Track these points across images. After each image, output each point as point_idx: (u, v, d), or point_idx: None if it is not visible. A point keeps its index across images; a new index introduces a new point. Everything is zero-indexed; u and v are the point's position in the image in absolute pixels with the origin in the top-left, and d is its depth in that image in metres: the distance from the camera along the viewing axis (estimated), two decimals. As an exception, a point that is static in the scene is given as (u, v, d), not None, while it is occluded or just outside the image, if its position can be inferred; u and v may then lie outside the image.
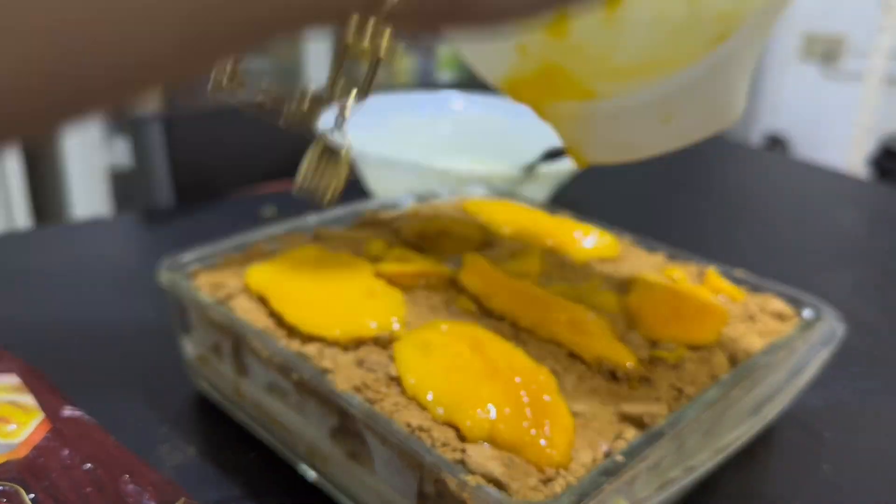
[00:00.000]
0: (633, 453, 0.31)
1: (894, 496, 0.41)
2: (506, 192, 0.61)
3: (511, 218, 0.55)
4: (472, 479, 0.29)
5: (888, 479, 0.42)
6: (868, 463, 0.43)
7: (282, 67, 1.68)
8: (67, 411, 0.35)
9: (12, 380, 0.36)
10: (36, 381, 0.36)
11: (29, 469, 0.30)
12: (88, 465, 0.32)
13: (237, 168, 0.88)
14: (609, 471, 0.30)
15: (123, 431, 0.38)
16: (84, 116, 0.25)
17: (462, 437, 0.32)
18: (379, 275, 0.43)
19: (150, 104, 1.37)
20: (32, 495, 0.29)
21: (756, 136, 2.64)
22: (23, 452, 0.31)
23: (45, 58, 0.21)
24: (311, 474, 0.39)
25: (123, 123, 1.53)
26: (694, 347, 0.40)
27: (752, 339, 0.41)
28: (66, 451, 0.32)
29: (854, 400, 0.49)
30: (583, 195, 0.89)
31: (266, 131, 0.92)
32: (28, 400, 0.34)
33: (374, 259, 0.47)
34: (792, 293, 0.46)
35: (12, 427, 0.32)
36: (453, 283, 0.45)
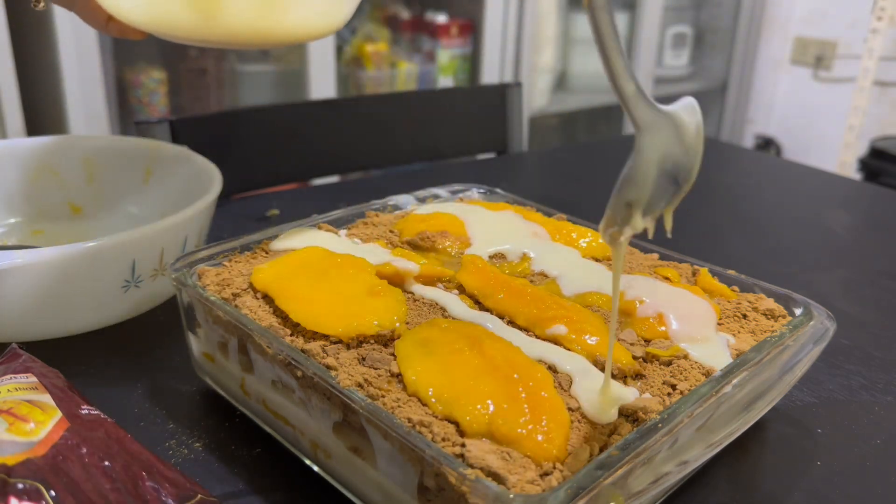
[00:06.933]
0: (627, 448, 0.32)
1: (886, 491, 0.42)
2: (503, 193, 0.62)
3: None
4: (471, 473, 0.30)
5: (880, 475, 0.43)
6: (860, 458, 0.44)
7: (286, 72, 1.67)
8: (84, 410, 0.35)
9: (30, 379, 0.36)
10: (53, 381, 0.36)
11: (49, 467, 0.30)
12: (107, 462, 0.32)
13: (242, 170, 0.88)
14: (605, 465, 0.31)
15: (131, 427, 0.39)
16: None
17: (462, 432, 0.32)
18: (380, 274, 0.44)
19: (157, 108, 1.37)
20: (53, 493, 0.29)
21: (748, 139, 2.65)
22: (42, 450, 0.31)
23: None
24: (315, 468, 0.40)
25: (131, 126, 1.53)
26: (687, 345, 0.40)
27: (744, 337, 0.42)
28: (84, 449, 0.32)
29: (845, 396, 0.50)
30: (578, 196, 0.90)
31: (270, 135, 0.92)
32: (46, 399, 0.34)
33: (376, 259, 0.47)
34: (783, 292, 0.46)
35: (31, 426, 0.32)
36: (453, 282, 0.45)
